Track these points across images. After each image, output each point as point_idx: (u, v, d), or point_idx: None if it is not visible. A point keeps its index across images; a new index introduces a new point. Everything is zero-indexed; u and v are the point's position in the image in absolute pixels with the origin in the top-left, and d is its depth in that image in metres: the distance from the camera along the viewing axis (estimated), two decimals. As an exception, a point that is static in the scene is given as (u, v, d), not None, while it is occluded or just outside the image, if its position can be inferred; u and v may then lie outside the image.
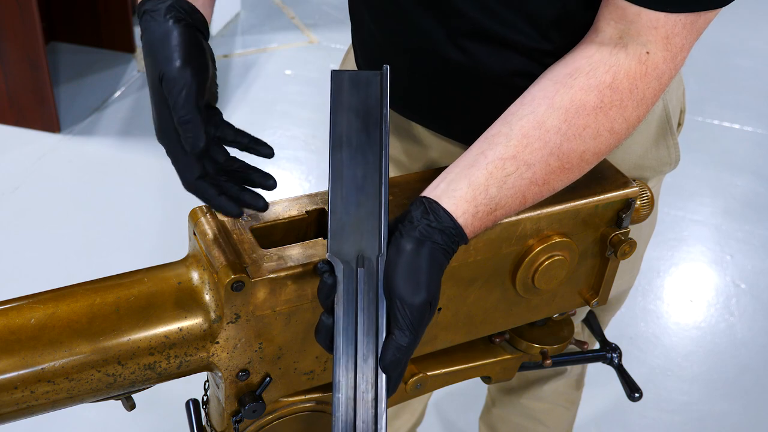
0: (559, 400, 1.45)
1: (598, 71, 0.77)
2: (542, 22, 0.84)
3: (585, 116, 0.77)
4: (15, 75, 2.66)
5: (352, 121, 0.73)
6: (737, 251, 2.53)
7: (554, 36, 0.85)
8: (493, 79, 0.90)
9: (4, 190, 2.52)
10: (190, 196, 0.78)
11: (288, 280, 0.75)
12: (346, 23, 4.30)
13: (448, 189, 0.74)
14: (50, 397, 0.72)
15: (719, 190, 2.81)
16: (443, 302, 0.86)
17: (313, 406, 0.88)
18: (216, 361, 0.77)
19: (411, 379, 0.93)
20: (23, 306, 0.74)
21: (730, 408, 2.02)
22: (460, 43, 0.88)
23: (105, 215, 2.45)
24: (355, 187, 0.72)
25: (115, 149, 2.75)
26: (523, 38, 0.86)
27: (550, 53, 0.85)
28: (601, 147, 0.79)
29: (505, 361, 1.00)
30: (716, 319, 2.28)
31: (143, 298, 0.76)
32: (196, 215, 0.80)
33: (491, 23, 0.85)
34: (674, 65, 0.79)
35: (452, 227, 0.72)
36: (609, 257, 0.93)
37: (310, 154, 2.79)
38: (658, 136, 1.03)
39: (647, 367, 2.11)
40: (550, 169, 0.77)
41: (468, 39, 0.88)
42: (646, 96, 0.79)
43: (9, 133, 2.76)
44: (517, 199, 0.77)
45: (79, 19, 3.21)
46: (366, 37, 1.01)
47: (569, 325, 1.04)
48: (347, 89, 0.73)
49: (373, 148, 0.73)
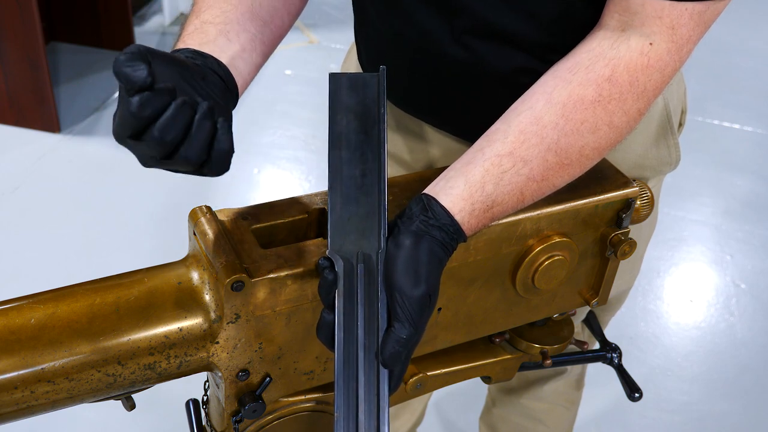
0: (560, 400, 1.45)
1: (597, 65, 0.77)
2: (545, 19, 0.84)
3: (583, 111, 0.76)
4: (15, 75, 2.66)
5: (351, 121, 0.73)
6: (737, 251, 2.53)
7: (557, 32, 0.85)
8: (495, 76, 0.90)
9: (4, 190, 2.52)
10: (190, 197, 0.78)
11: (288, 280, 0.75)
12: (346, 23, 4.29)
13: (445, 187, 0.75)
14: (50, 397, 0.72)
15: (719, 190, 2.81)
16: (443, 302, 0.86)
17: (313, 406, 0.88)
18: (216, 361, 0.77)
19: (411, 379, 0.93)
20: (23, 306, 0.74)
21: (730, 408, 2.02)
22: (463, 40, 0.88)
23: (105, 215, 2.45)
24: (354, 185, 0.72)
25: (115, 149, 2.72)
26: (525, 35, 0.86)
27: (553, 50, 0.85)
28: (600, 142, 0.78)
29: (505, 361, 1.00)
30: (716, 319, 2.28)
31: (143, 298, 0.76)
32: (196, 215, 0.80)
33: (494, 19, 0.85)
34: (679, 57, 0.78)
35: (450, 224, 0.72)
36: (609, 257, 0.93)
37: (310, 154, 2.79)
38: (659, 135, 1.03)
39: (647, 367, 2.11)
40: (548, 165, 0.77)
41: (471, 36, 0.88)
42: (647, 89, 0.78)
43: (9, 133, 2.76)
44: (515, 196, 0.76)
45: (79, 19, 3.21)
46: (370, 34, 1.01)
47: (569, 325, 1.04)
48: (345, 91, 0.74)
49: (372, 147, 0.73)
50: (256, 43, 0.84)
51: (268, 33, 0.87)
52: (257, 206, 0.83)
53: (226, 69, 0.75)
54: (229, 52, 0.78)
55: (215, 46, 0.78)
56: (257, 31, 0.84)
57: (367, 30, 1.02)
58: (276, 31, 0.89)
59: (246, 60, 0.81)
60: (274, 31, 0.88)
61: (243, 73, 0.80)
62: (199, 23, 0.81)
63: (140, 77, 0.59)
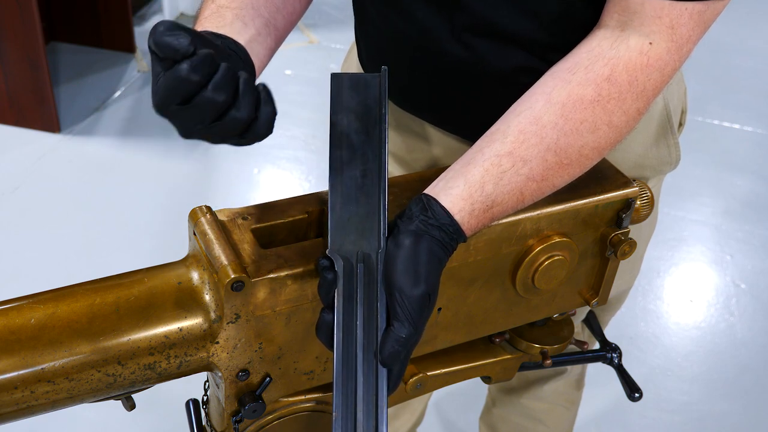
0: (560, 399, 1.45)
1: (596, 65, 0.77)
2: (545, 18, 0.84)
3: (582, 110, 0.77)
4: (15, 75, 2.66)
5: (352, 121, 0.74)
6: (737, 251, 2.53)
7: (557, 32, 0.85)
8: (495, 75, 0.90)
9: (4, 190, 2.52)
10: (190, 197, 0.78)
11: (288, 280, 0.75)
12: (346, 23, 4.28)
13: (445, 187, 0.75)
14: (50, 397, 0.72)
15: (719, 190, 2.81)
16: (443, 302, 0.86)
17: (313, 406, 0.88)
18: (216, 361, 0.77)
19: (411, 379, 0.93)
20: (23, 306, 0.74)
21: (730, 408, 2.02)
22: (463, 39, 0.88)
23: (105, 215, 2.45)
24: (354, 185, 0.73)
25: (115, 149, 2.75)
26: (526, 34, 0.86)
27: (554, 49, 0.85)
28: (600, 141, 0.78)
29: (505, 361, 1.00)
30: (716, 319, 2.28)
31: (143, 298, 0.76)
32: (196, 215, 0.80)
33: (495, 18, 0.85)
34: (679, 57, 0.78)
35: (449, 224, 0.73)
36: (609, 257, 0.93)
37: (310, 154, 2.79)
38: (659, 135, 1.03)
39: (647, 367, 2.11)
40: (548, 165, 0.77)
41: (471, 34, 0.88)
42: (647, 88, 0.78)
43: (9, 133, 2.76)
44: (515, 196, 0.76)
45: (79, 19, 3.21)
46: (370, 32, 1.01)
47: (569, 325, 1.04)
48: (347, 92, 0.74)
49: (373, 147, 0.73)
50: (270, 28, 0.85)
51: (281, 19, 0.88)
52: (257, 206, 0.83)
53: (244, 50, 0.76)
54: (246, 35, 0.80)
55: (232, 29, 0.79)
56: (270, 17, 0.86)
57: (367, 28, 1.02)
58: (288, 17, 0.90)
59: (261, 44, 0.83)
60: (286, 17, 0.90)
61: (260, 55, 0.82)
62: (216, 7, 0.82)
63: (183, 44, 0.62)
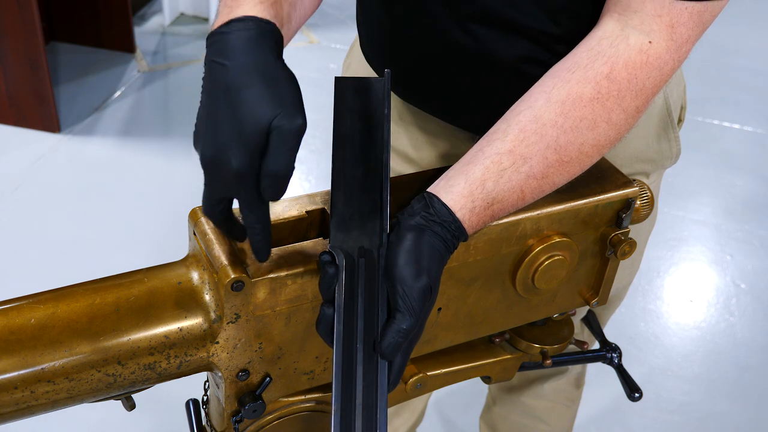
0: (560, 398, 1.45)
1: (596, 63, 0.78)
2: (551, 6, 0.85)
3: (581, 108, 0.77)
4: (15, 75, 2.67)
5: (355, 123, 0.74)
6: (737, 251, 2.53)
7: (563, 21, 0.86)
8: (499, 64, 0.90)
9: (4, 190, 2.52)
10: (190, 197, 0.78)
11: (288, 280, 0.75)
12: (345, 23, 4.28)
13: (446, 185, 0.75)
14: (50, 397, 0.72)
15: (719, 190, 2.81)
16: (443, 302, 0.86)
17: (313, 406, 0.88)
18: (216, 361, 0.77)
19: (411, 379, 0.93)
20: (23, 306, 0.74)
21: (731, 408, 2.02)
22: (468, 27, 0.89)
23: (105, 215, 2.45)
24: (356, 183, 0.73)
25: (115, 149, 2.75)
26: (531, 22, 0.86)
27: (559, 39, 0.85)
28: (599, 139, 0.79)
29: (505, 361, 1.00)
30: (716, 319, 2.29)
31: (143, 298, 0.76)
32: (196, 215, 0.80)
33: (500, 6, 0.86)
34: (678, 56, 0.79)
35: (451, 221, 0.73)
36: (609, 257, 0.93)
37: (310, 154, 2.79)
38: (660, 128, 1.03)
39: (647, 367, 2.11)
40: (548, 163, 0.77)
41: (476, 23, 0.88)
42: (646, 86, 0.78)
43: (9, 133, 2.76)
44: (515, 194, 0.77)
45: (79, 19, 3.22)
46: (373, 21, 1.01)
47: (569, 325, 1.04)
48: (350, 95, 0.75)
49: (375, 147, 0.74)
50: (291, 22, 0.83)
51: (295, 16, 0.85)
52: (257, 206, 0.83)
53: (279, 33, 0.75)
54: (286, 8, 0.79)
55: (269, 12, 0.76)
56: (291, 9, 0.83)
57: (369, 16, 1.02)
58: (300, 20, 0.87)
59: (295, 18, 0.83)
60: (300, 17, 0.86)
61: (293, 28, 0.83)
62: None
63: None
